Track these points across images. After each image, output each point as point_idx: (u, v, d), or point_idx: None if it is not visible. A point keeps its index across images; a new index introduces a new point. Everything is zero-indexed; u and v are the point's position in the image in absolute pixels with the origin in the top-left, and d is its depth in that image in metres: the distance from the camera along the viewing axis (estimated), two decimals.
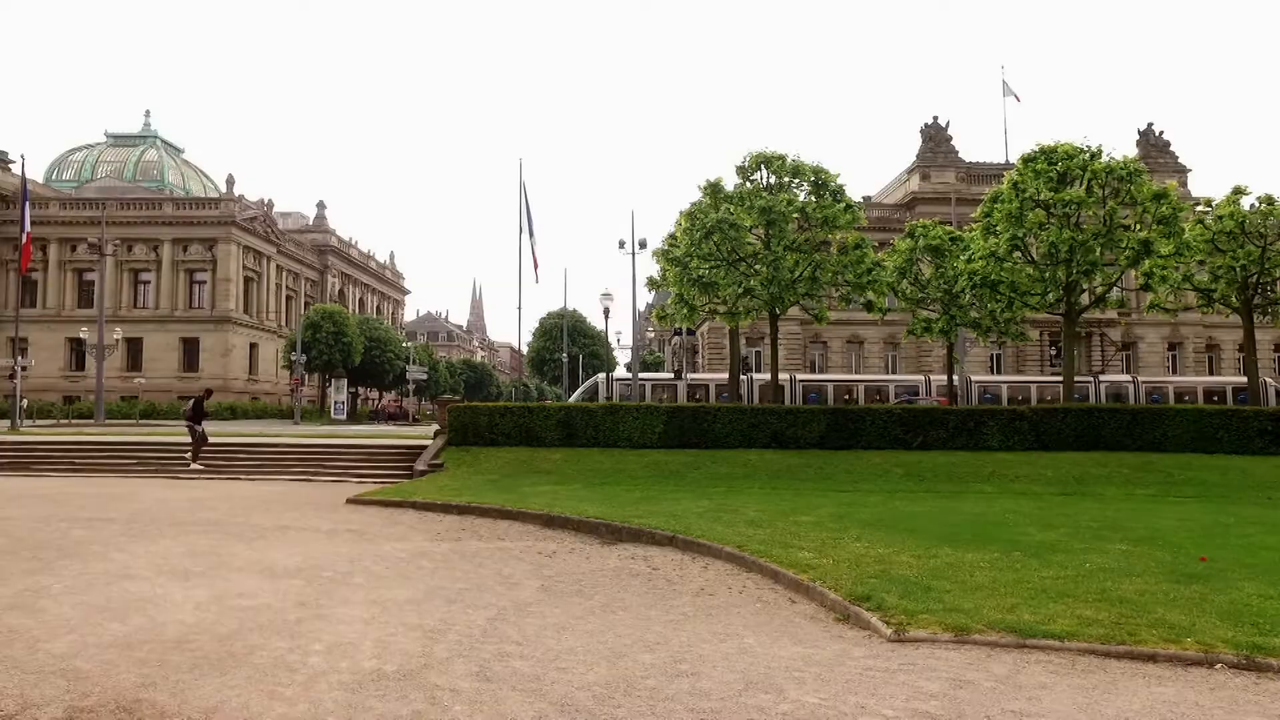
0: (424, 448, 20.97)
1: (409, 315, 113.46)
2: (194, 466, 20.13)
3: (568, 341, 47.97)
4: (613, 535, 11.54)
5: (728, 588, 8.50)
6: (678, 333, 35.94)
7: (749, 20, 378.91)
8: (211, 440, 23.21)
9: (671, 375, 41.86)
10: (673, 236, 22.94)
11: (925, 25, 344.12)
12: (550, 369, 49.66)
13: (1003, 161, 55.39)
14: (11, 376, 32.02)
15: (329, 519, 13.03)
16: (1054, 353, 45.68)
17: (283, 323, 66.96)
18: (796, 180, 22.46)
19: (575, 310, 60.86)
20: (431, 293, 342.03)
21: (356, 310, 76.57)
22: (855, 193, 24.19)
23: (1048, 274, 21.64)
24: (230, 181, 61.38)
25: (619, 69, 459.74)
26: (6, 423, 31.41)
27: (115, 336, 43.09)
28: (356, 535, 11.52)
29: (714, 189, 22.22)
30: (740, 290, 21.55)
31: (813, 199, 22.04)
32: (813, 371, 52.38)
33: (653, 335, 70.40)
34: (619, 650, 6.30)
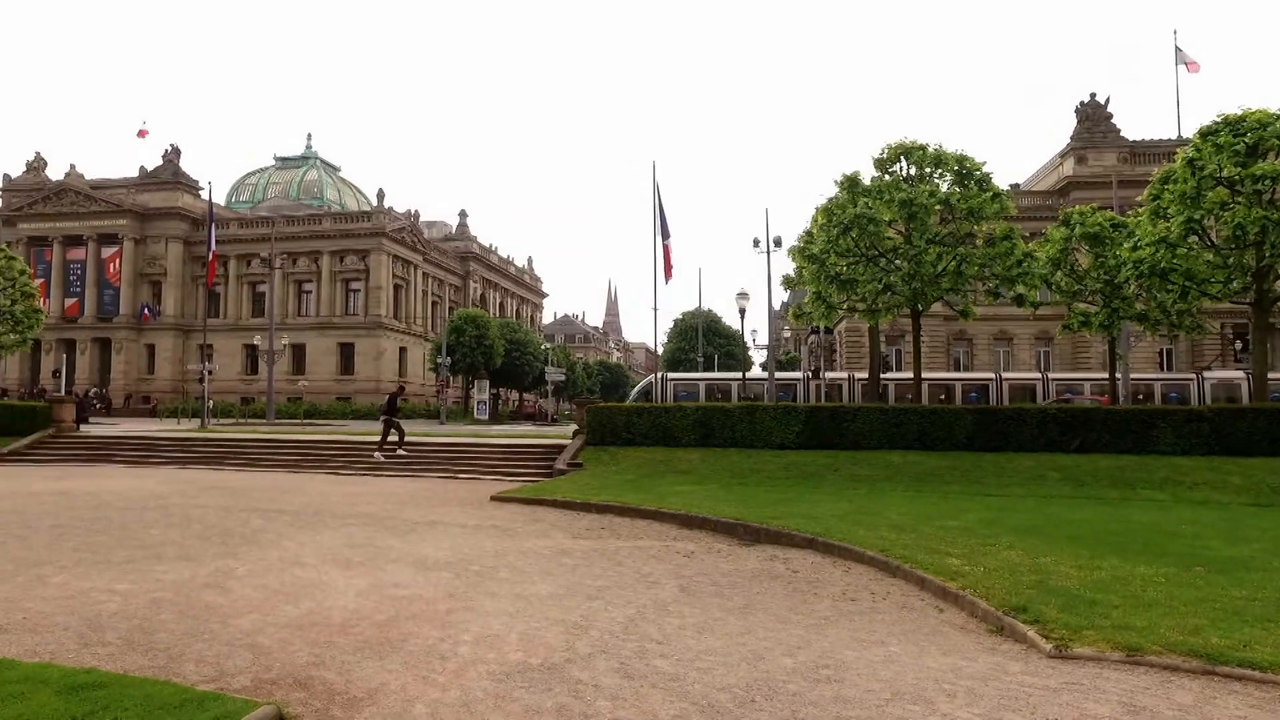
0: (563, 447, 21.53)
1: (547, 318, 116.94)
2: (377, 456, 21.69)
3: (703, 341, 48.00)
4: (751, 536, 11.43)
5: (870, 593, 8.23)
6: (814, 331, 35.16)
7: (880, 13, 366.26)
8: (367, 440, 24.78)
9: (734, 375, 41.51)
10: (808, 233, 22.46)
11: (1075, 3, 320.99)
12: (686, 369, 49.80)
13: (1173, 138, 50.87)
14: (201, 380, 35.38)
15: (474, 515, 13.59)
16: (1240, 346, 41.27)
17: (429, 327, 70.56)
18: (938, 170, 21.43)
19: (710, 310, 60.84)
20: (568, 295, 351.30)
21: (497, 314, 79.65)
22: (1001, 181, 22.69)
23: (1231, 260, 19.60)
24: (380, 195, 65.31)
25: (752, 67, 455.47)
26: (198, 421, 34.75)
27: (283, 343, 46.77)
28: (500, 531, 11.95)
29: (851, 183, 21.56)
30: (880, 287, 20.83)
31: (956, 189, 20.96)
32: (956, 369, 49.98)
33: (789, 334, 69.32)
34: (759, 652, 6.22)
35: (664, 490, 15.60)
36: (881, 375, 28.39)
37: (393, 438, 21.94)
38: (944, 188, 21.30)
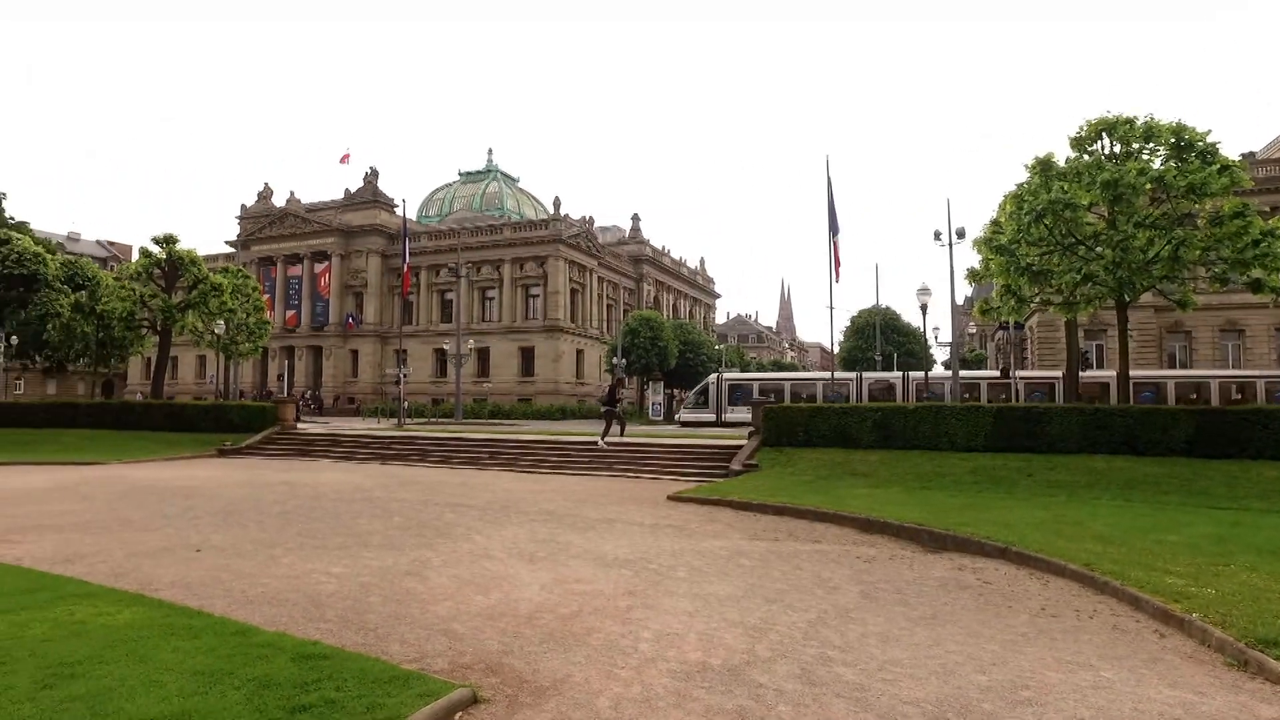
0: (739, 448, 21.43)
1: (719, 318, 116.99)
2: (602, 445, 23.21)
3: (880, 340, 46.23)
4: (936, 543, 10.85)
5: (1074, 610, 7.56)
6: (1003, 327, 32.87)
7: None
8: (546, 439, 25.84)
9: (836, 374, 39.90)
10: (996, 223, 20.92)
11: None
12: (864, 369, 48.18)
13: None
14: (397, 382, 38.35)
15: (651, 514, 13.80)
16: None
17: (604, 330, 72.55)
18: (1149, 145, 19.26)
19: (888, 307, 58.51)
20: (741, 295, 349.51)
21: (670, 315, 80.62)
22: (1230, 151, 19.89)
23: None
24: (556, 203, 67.93)
25: (930, 55, 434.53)
26: (395, 421, 37.68)
27: (469, 347, 49.71)
28: (678, 531, 12.06)
29: (1044, 166, 19.87)
30: (1078, 277, 19.05)
31: (1172, 164, 18.71)
32: (1171, 366, 45.02)
33: (974, 331, 65.36)
34: (949, 667, 5.88)
35: (842, 493, 15.15)
36: (1067, 374, 26.13)
37: (611, 433, 23.59)
38: (1157, 164, 19.09)
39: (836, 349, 43.04)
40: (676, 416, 43.34)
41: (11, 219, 66.75)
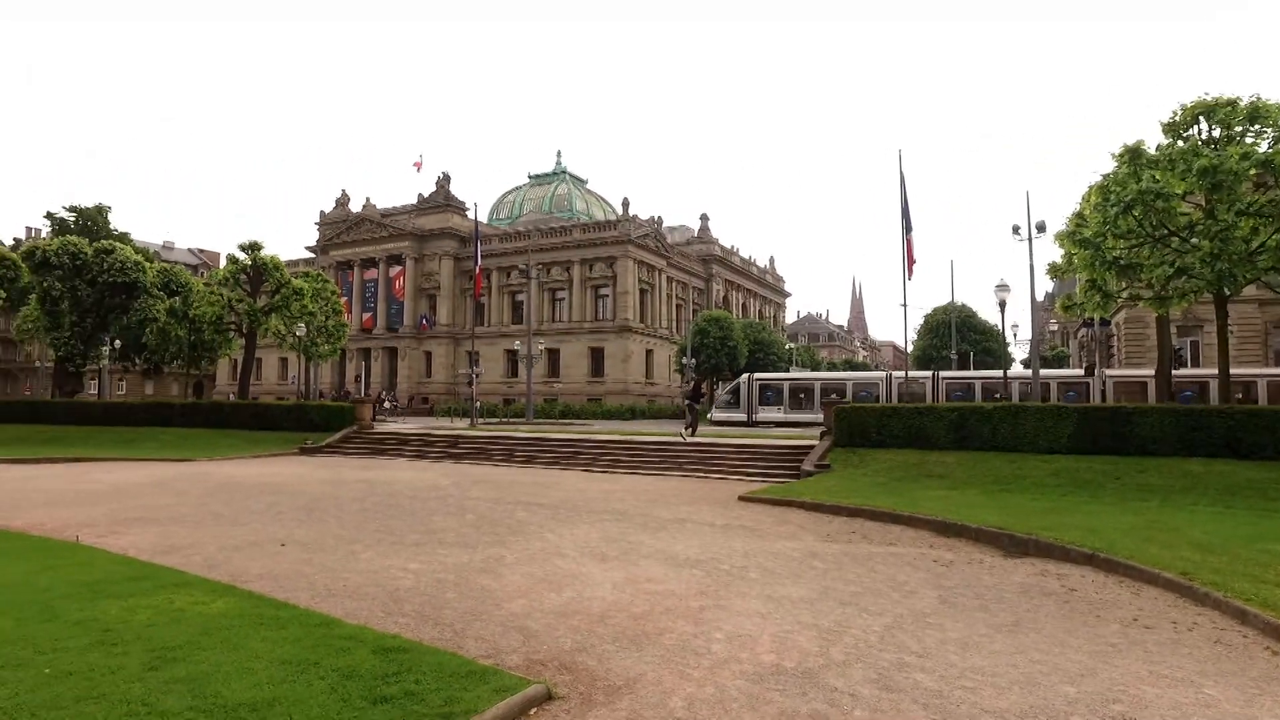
0: (810, 448, 21.15)
1: (789, 317, 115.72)
2: (686, 438, 24.10)
3: (956, 338, 45.01)
4: (1017, 548, 10.49)
5: (1171, 622, 7.20)
6: (1087, 324, 31.52)
7: None
8: (616, 439, 25.97)
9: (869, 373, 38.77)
10: (1079, 215, 20.05)
11: None
12: (937, 367, 46.94)
13: None
14: (470, 383, 39.12)
15: (722, 514, 13.73)
16: None
17: (673, 330, 72.56)
18: (1254, 127, 18.14)
19: (964, 304, 56.90)
20: (811, 294, 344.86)
21: (740, 315, 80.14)
22: None
23: None
24: (625, 204, 68.25)
25: (1004, 48, 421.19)
26: (467, 421, 38.42)
27: (539, 348, 50.36)
28: (749, 531, 11.96)
29: (1133, 155, 18.92)
30: (1170, 270, 18.12)
31: None
32: (1279, 364, 42.46)
33: (1055, 328, 63.07)
34: (1033, 677, 5.68)
35: (917, 495, 14.80)
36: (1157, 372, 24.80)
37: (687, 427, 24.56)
38: (1263, 147, 17.94)
39: (910, 348, 42.03)
40: (709, 416, 43.56)
41: (114, 230, 70.66)
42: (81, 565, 8.54)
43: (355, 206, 77.43)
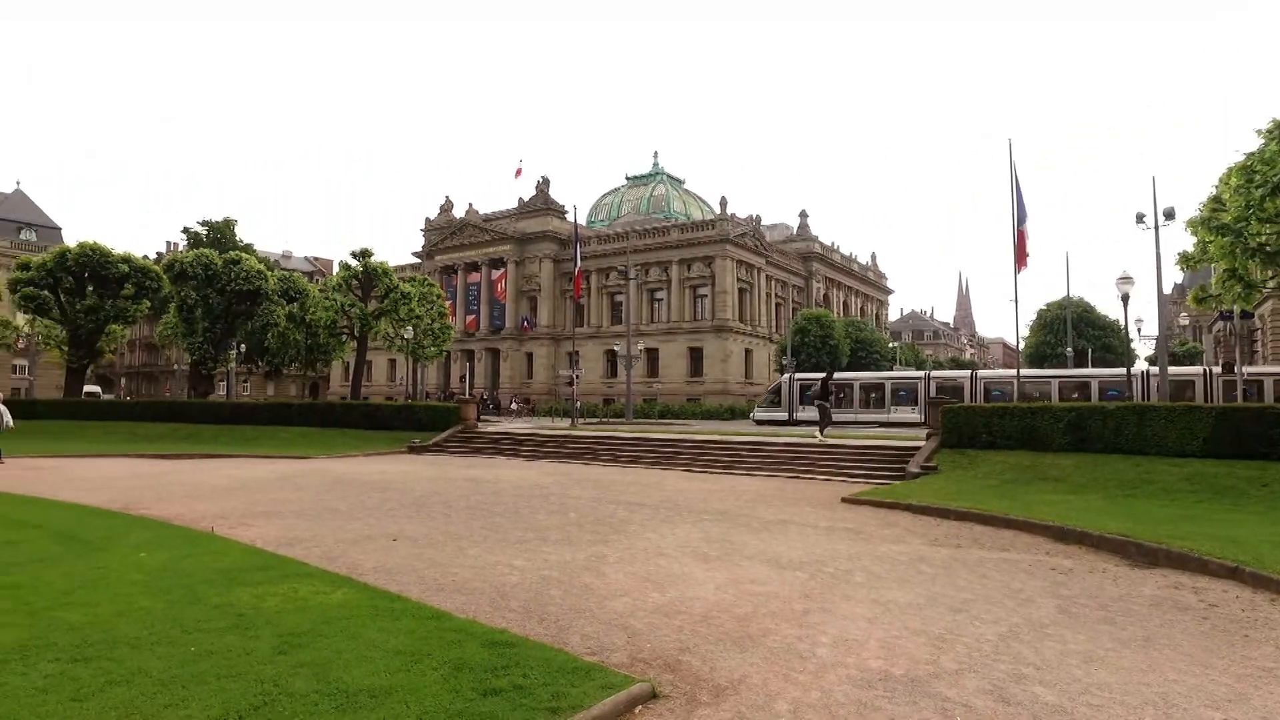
0: (915, 449, 20.52)
1: (892, 315, 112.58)
2: (819, 437, 24.00)
3: (1072, 334, 42.76)
4: (1145, 558, 9.86)
5: None
6: (1225, 316, 29.27)
7: None
8: (716, 439, 25.87)
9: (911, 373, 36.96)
10: (1215, 199, 18.64)
11: None
12: (1052, 365, 44.76)
13: None
14: (570, 383, 39.78)
15: (825, 516, 13.47)
16: None
17: (773, 328, 71.73)
18: None
19: (1081, 298, 54.01)
20: (915, 290, 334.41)
21: (841, 313, 78.55)
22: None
23: None
24: (723, 203, 67.90)
25: (1127, 24, 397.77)
26: (568, 421, 39.06)
27: (639, 348, 50.71)
28: (853, 534, 11.70)
29: None
30: None
31: None
32: None
33: (1186, 322, 59.05)
34: (1169, 697, 5.32)
35: (1031, 499, 14.12)
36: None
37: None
38: None
39: (1021, 345, 40.16)
40: (751, 415, 44.12)
41: (240, 241, 75.33)
42: (217, 554, 9.13)
43: (458, 212, 79.91)
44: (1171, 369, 32.88)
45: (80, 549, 9.42)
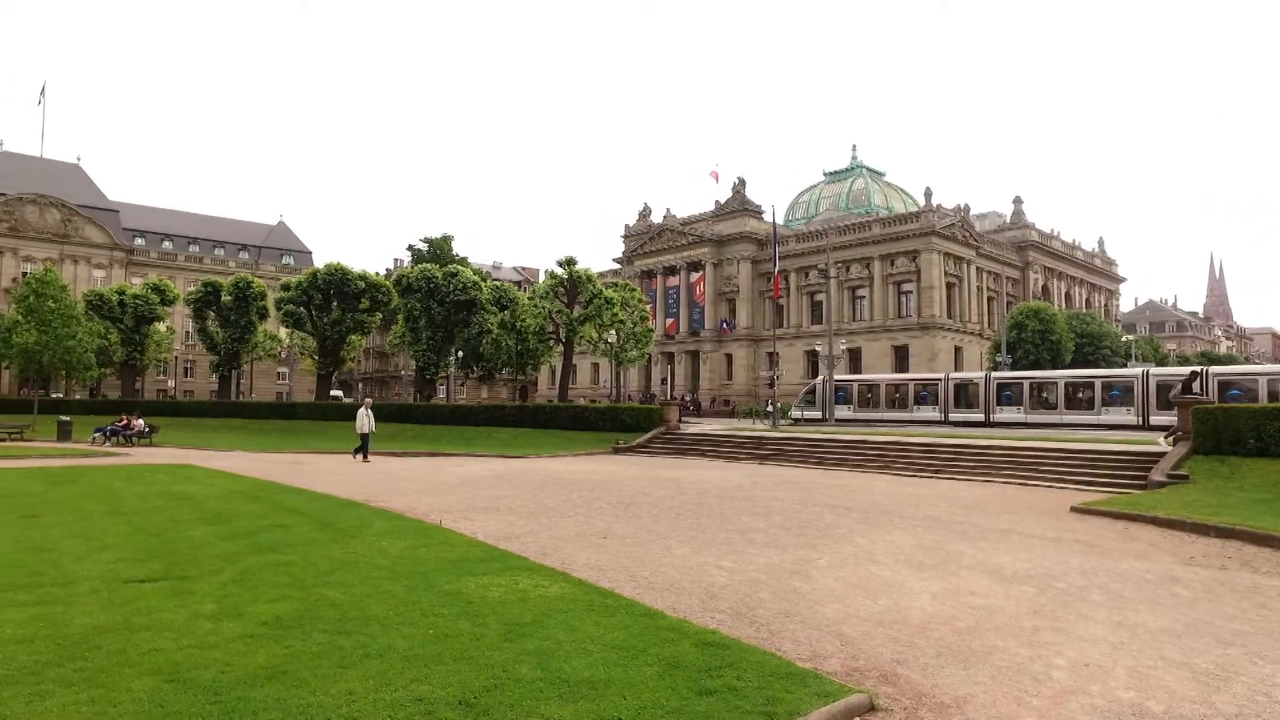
0: (1157, 455, 18.40)
1: (1125, 305, 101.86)
2: (1161, 443, 20.75)
3: None
4: None
5: None
6: None
7: None
8: (925, 441, 24.57)
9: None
10: None
11: None
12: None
13: None
14: (770, 384, 39.42)
15: (1051, 526, 12.40)
16: None
17: (985, 324, 67.21)
18: None
19: None
20: (1153, 277, 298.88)
21: (1063, 305, 72.19)
22: None
23: None
24: (928, 194, 64.52)
25: None
26: (768, 422, 38.73)
27: (840, 347, 49.21)
28: (1086, 547, 10.66)
29: None
30: None
31: None
32: None
33: None
34: None
35: None
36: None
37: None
38: None
39: None
40: (789, 414, 44.33)
41: (456, 255, 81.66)
42: (445, 545, 9.90)
43: (655, 218, 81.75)
44: None
45: (335, 535, 10.57)
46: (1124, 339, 60.62)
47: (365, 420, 25.45)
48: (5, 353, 45.01)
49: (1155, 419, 32.07)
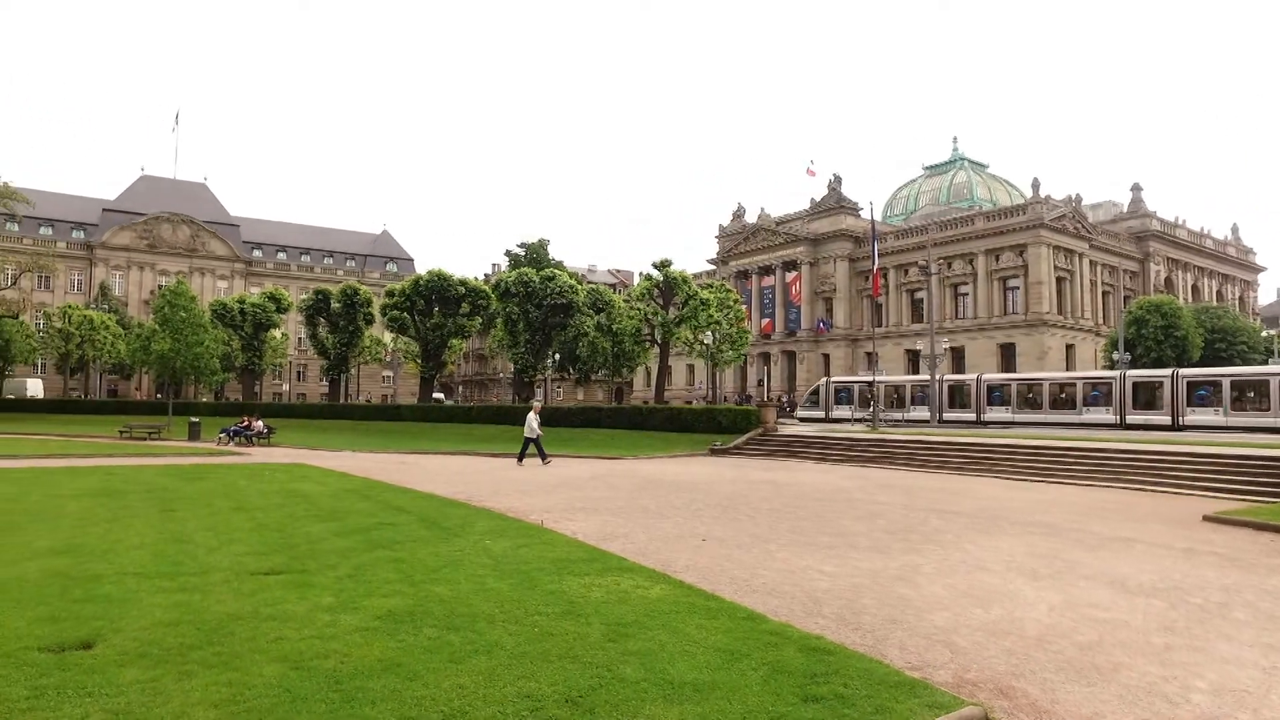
0: None
1: (1264, 298, 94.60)
2: None
3: None
4: None
5: None
6: None
7: None
8: (1035, 444, 23.47)
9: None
10: None
11: None
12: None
13: None
14: (870, 385, 38.51)
15: (1181, 536, 11.63)
16: None
17: (1099, 320, 63.76)
18: None
19: None
20: None
21: (1189, 298, 67.67)
22: None
23: None
24: (1035, 185, 61.69)
25: None
26: (866, 424, 37.83)
27: (943, 346, 47.58)
28: (1224, 560, 9.94)
29: None
30: None
31: None
32: None
33: None
34: None
35: None
36: None
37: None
38: None
39: None
40: (795, 414, 44.49)
41: (552, 259, 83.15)
42: (546, 544, 10.07)
43: (750, 218, 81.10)
44: None
45: (441, 533, 10.91)
46: (1265, 334, 56.24)
47: (533, 424, 25.17)
48: (144, 359, 48.66)
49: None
